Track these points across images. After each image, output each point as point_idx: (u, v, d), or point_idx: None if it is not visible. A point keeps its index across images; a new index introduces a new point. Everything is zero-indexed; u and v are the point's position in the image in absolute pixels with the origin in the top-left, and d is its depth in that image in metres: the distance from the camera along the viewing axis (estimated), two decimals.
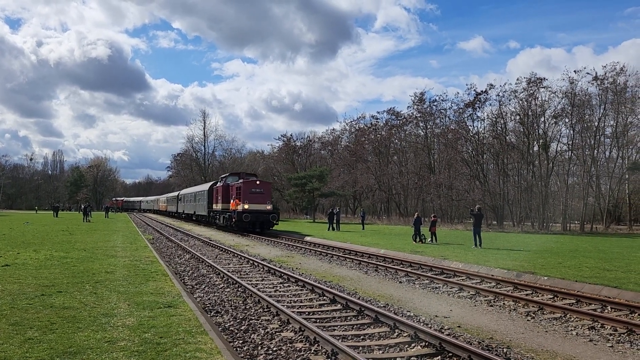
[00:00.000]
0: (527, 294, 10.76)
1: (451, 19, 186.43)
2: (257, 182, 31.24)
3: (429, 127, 56.83)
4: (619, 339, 7.34)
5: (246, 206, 29.49)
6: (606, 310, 9.27)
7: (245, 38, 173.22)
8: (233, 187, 32.54)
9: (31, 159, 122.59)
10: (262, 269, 14.39)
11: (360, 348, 6.63)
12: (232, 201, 30.96)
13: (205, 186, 43.01)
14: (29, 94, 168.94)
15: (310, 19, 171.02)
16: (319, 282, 11.54)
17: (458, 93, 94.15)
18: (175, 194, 64.61)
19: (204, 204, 41.16)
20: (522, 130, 46.47)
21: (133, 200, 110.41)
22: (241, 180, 31.51)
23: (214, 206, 37.13)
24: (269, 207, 30.71)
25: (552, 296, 10.53)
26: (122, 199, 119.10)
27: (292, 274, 12.54)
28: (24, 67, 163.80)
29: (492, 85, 47.92)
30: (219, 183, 36.82)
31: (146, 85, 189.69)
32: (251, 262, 15.79)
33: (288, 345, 6.75)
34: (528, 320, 8.47)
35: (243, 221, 29.25)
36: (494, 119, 48.64)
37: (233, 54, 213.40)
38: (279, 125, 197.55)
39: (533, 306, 9.41)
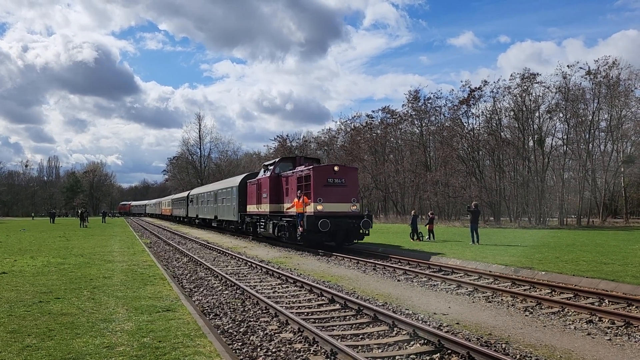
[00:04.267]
0: (525, 290, 10.80)
1: (441, 14, 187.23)
2: (336, 169, 19.87)
3: (424, 124, 56.92)
4: (616, 332, 7.38)
5: (319, 207, 19.05)
6: (604, 304, 9.31)
7: (234, 38, 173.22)
8: (292, 178, 21.50)
9: (26, 166, 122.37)
10: (260, 271, 14.38)
11: (360, 347, 6.63)
12: (296, 200, 19.71)
13: (233, 181, 32.16)
14: (17, 99, 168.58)
15: (299, 17, 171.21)
16: (317, 283, 11.54)
17: (452, 90, 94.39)
18: (184, 194, 54.65)
19: (231, 205, 30.91)
20: (516, 126, 46.63)
21: (140, 205, 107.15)
22: (310, 167, 20.26)
23: (250, 208, 26.66)
24: (355, 207, 20.01)
25: (549, 291, 10.57)
26: (129, 203, 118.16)
27: (290, 275, 12.54)
28: (11, 73, 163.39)
29: (486, 81, 48.09)
30: (262, 173, 25.14)
31: (136, 88, 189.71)
32: (249, 263, 15.77)
33: (287, 346, 6.75)
34: (526, 315, 8.50)
35: (319, 230, 18.49)
36: (489, 116, 48.82)
37: (222, 54, 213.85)
38: (271, 126, 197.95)
39: (531, 301, 9.44)
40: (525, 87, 44.67)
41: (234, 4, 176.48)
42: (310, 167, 20.10)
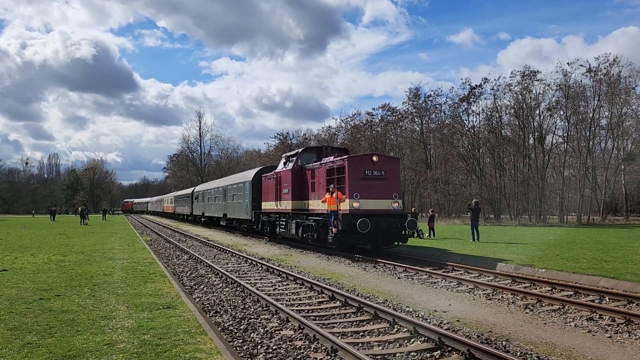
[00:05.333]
0: (525, 287, 10.79)
1: (440, 11, 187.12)
2: (375, 159, 16.92)
3: (424, 122, 56.88)
4: (617, 329, 7.37)
5: (356, 204, 16.34)
6: (604, 301, 9.31)
7: (233, 35, 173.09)
8: (320, 171, 18.68)
9: (26, 163, 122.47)
10: (260, 268, 14.39)
11: (360, 345, 6.63)
12: (327, 195, 16.88)
13: (246, 175, 29.21)
14: (16, 96, 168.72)
15: (299, 13, 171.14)
16: (317, 280, 11.54)
17: (453, 88, 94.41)
18: (188, 191, 51.94)
19: (243, 202, 28.05)
20: (517, 123, 46.62)
21: (142, 202, 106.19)
22: (344, 157, 17.30)
23: (266, 205, 23.84)
24: (397, 204, 17.09)
25: (550, 288, 10.57)
26: (132, 200, 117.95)
27: (290, 272, 12.54)
28: (9, 70, 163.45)
29: (486, 79, 48.05)
30: (282, 165, 22.17)
31: (135, 85, 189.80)
32: (249, 261, 15.78)
33: (288, 343, 6.75)
34: (527, 312, 8.50)
35: (356, 231, 15.63)
36: (489, 113, 48.78)
37: (221, 51, 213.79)
38: (270, 123, 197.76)
39: (531, 299, 9.44)
40: (525, 85, 44.66)
41: (233, 0, 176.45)
42: (345, 157, 17.23)
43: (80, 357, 5.68)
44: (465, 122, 50.97)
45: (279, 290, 10.84)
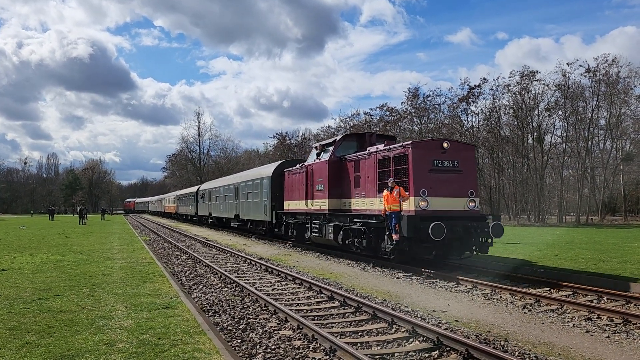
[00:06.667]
0: (523, 287, 10.80)
1: (438, 11, 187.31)
2: (446, 145, 13.46)
3: (423, 122, 56.87)
4: (615, 329, 7.39)
5: (423, 203, 12.99)
6: (602, 301, 9.33)
7: (231, 34, 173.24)
8: (369, 162, 15.24)
9: (25, 163, 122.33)
10: (259, 268, 14.39)
11: (359, 344, 6.64)
12: (386, 192, 13.30)
13: (264, 171, 26.10)
14: (13, 96, 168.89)
15: (296, 12, 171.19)
16: (316, 280, 11.55)
17: (452, 88, 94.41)
18: (192, 189, 49.17)
19: (260, 202, 24.99)
20: (516, 123, 46.67)
21: (143, 201, 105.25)
22: (407, 144, 13.63)
23: (291, 205, 20.80)
24: (473, 202, 13.62)
25: (548, 288, 10.58)
26: (133, 200, 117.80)
27: (289, 272, 12.55)
28: (6, 69, 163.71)
29: (485, 79, 48.11)
30: (315, 157, 18.65)
31: (132, 85, 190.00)
32: (248, 261, 15.78)
33: (286, 343, 6.76)
34: (525, 312, 8.51)
35: (427, 239, 12.28)
36: (488, 113, 48.82)
37: (218, 51, 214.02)
38: (268, 123, 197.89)
39: (530, 299, 9.46)
40: (524, 85, 44.73)
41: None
42: (408, 143, 13.57)
43: (79, 357, 5.69)
44: (464, 122, 51.03)
45: (277, 290, 10.85)
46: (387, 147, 14.41)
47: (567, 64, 43.58)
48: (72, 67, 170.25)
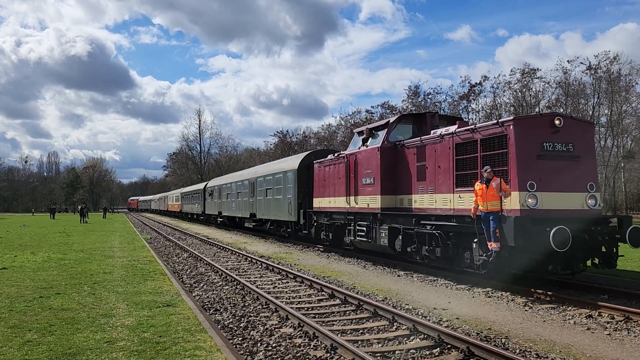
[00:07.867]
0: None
1: (437, 8, 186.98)
2: (558, 122, 9.88)
3: None
4: (616, 326, 7.39)
5: (530, 200, 9.69)
6: (603, 299, 9.30)
7: (230, 32, 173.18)
8: (440, 147, 11.95)
9: (26, 161, 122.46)
10: (260, 266, 14.40)
11: (359, 342, 6.64)
12: (480, 185, 9.81)
13: (288, 163, 22.86)
14: (13, 94, 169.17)
15: (295, 10, 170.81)
16: (317, 278, 11.55)
17: (452, 86, 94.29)
18: (199, 186, 45.65)
19: (284, 199, 21.71)
20: None
21: (146, 200, 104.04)
22: (506, 121, 10.15)
23: (325, 202, 17.75)
24: (593, 200, 10.20)
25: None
26: (137, 198, 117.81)
27: (290, 270, 12.55)
28: (5, 67, 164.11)
29: (486, 77, 47.95)
30: (359, 143, 15.33)
31: (131, 83, 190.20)
32: (249, 259, 15.79)
33: (287, 340, 6.76)
34: (526, 310, 8.51)
35: (548, 248, 8.76)
36: (489, 111, 48.70)
37: (217, 49, 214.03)
38: (268, 121, 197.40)
39: (530, 296, 9.45)
40: (525, 83, 44.61)
41: None
42: (509, 120, 10.18)
43: (80, 354, 5.70)
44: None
45: (278, 288, 10.86)
46: (472, 127, 11.19)
47: (568, 61, 43.48)
48: (71, 65, 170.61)
